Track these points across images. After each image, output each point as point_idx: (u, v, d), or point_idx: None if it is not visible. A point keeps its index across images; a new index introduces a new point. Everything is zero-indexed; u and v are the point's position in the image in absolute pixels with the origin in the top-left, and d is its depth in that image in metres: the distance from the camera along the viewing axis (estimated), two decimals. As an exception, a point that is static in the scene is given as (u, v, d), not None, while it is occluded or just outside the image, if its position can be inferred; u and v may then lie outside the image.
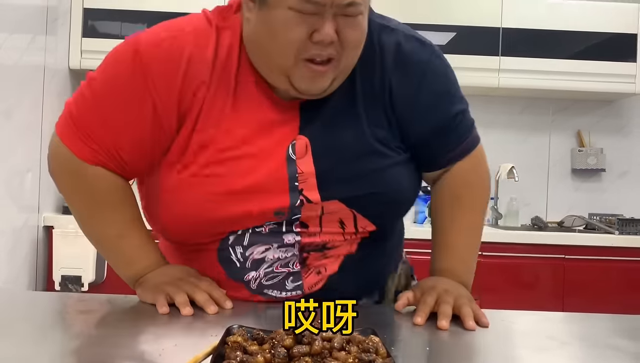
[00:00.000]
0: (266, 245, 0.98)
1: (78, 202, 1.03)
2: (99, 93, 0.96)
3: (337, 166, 0.96)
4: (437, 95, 1.02)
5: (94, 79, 0.98)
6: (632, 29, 2.94)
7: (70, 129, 0.95)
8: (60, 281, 2.50)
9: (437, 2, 2.94)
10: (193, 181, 0.93)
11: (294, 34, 0.86)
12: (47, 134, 2.64)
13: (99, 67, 0.99)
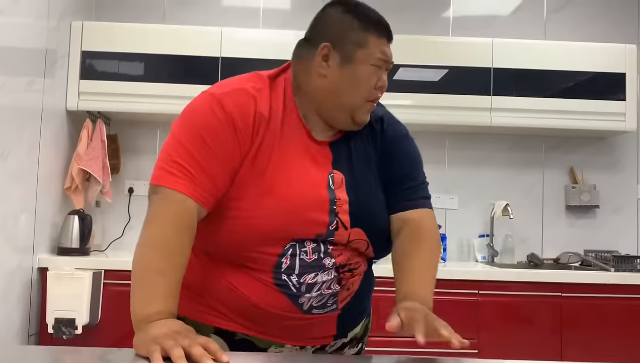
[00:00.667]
0: (314, 270, 1.16)
1: (159, 228, 1.11)
2: (197, 138, 1.13)
3: (363, 199, 1.19)
4: (414, 158, 1.31)
5: (172, 139, 1.16)
6: (620, 68, 3.00)
7: (175, 173, 1.11)
8: (54, 324, 2.47)
9: (430, 42, 3.00)
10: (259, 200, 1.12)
11: (371, 82, 1.21)
12: (42, 176, 2.65)
13: (184, 121, 1.19)
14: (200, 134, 1.12)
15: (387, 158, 1.27)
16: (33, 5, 2.52)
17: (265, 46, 2.95)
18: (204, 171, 1.10)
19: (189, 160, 1.10)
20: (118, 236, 3.21)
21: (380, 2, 3.49)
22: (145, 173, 3.26)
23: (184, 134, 1.15)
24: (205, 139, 1.11)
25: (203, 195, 1.10)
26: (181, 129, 1.17)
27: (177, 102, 2.90)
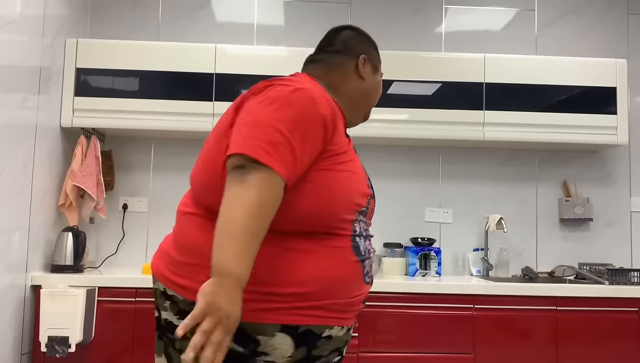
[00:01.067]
0: (368, 237, 1.37)
1: (263, 198, 1.13)
2: (297, 127, 1.21)
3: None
4: None
5: (272, 117, 1.20)
6: (611, 82, 3.04)
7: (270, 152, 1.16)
8: (47, 343, 2.45)
9: (423, 58, 3.03)
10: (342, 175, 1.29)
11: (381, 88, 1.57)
12: (36, 193, 2.64)
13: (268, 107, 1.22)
14: (300, 124, 1.20)
15: None
16: (28, 23, 2.54)
17: (259, 62, 2.97)
18: (297, 159, 1.19)
19: (288, 146, 1.18)
20: (112, 252, 3.20)
21: (374, 19, 3.56)
22: (140, 189, 3.25)
23: (282, 120, 1.20)
24: (303, 129, 1.21)
25: (292, 181, 1.19)
26: (279, 116, 1.20)
27: (172, 118, 2.92)
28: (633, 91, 3.41)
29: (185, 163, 3.28)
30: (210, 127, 2.92)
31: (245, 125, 1.20)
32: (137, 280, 2.61)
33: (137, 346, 2.57)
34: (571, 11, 3.44)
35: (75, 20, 3.08)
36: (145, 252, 3.22)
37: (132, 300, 2.59)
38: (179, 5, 3.34)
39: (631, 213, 3.36)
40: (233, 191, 1.13)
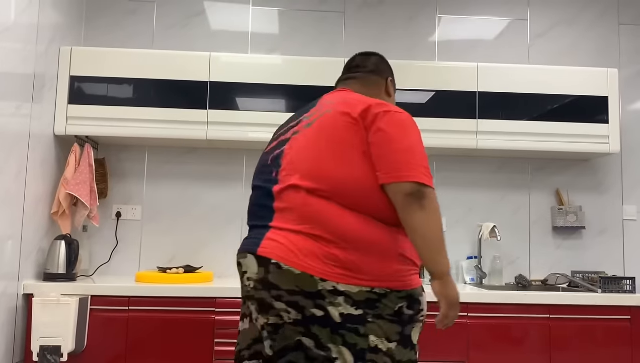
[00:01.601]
0: None
1: (439, 221, 1.56)
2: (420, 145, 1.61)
3: None
4: None
5: (416, 143, 1.60)
6: (602, 91, 3.06)
7: (428, 176, 1.57)
8: (39, 352, 2.43)
9: (416, 67, 3.05)
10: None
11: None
12: (29, 201, 2.63)
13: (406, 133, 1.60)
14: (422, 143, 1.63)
15: None
16: (22, 31, 2.54)
17: (253, 70, 2.98)
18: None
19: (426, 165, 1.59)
20: (105, 261, 3.19)
21: (368, 28, 3.58)
22: (133, 197, 3.25)
23: (420, 143, 1.60)
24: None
25: None
26: (417, 140, 1.60)
27: (166, 126, 2.92)
28: (624, 100, 3.44)
29: (179, 170, 3.28)
30: (204, 135, 2.92)
31: (403, 152, 1.55)
32: (130, 288, 2.60)
33: (129, 355, 2.56)
34: (563, 21, 3.47)
35: (70, 28, 3.08)
36: (139, 260, 3.21)
37: (125, 308, 2.58)
38: (173, 13, 3.35)
39: (623, 221, 3.38)
40: (421, 216, 1.53)
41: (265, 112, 2.96)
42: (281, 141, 1.68)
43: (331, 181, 1.54)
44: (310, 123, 1.63)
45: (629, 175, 3.40)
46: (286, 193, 1.57)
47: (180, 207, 3.26)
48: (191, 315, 2.59)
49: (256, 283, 1.54)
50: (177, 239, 3.24)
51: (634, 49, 3.47)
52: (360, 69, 1.84)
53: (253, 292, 1.55)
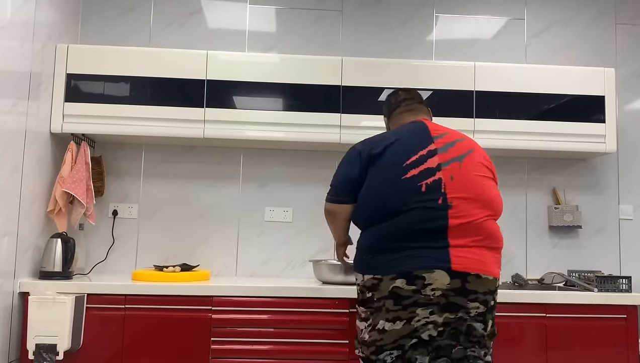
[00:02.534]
0: None
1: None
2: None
3: None
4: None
5: None
6: (599, 91, 3.07)
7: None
8: (35, 350, 2.42)
9: (414, 66, 3.05)
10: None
11: None
12: (25, 199, 2.62)
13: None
14: None
15: None
16: (18, 28, 2.53)
17: (250, 69, 2.98)
18: None
19: None
20: (102, 259, 3.18)
21: (366, 27, 3.58)
22: (130, 195, 3.24)
23: None
24: None
25: None
26: None
27: (162, 124, 2.92)
28: (621, 100, 3.44)
29: (176, 169, 3.27)
30: (202, 134, 2.92)
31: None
32: (127, 286, 2.60)
33: (126, 353, 2.56)
34: (560, 21, 3.47)
35: (66, 26, 3.07)
36: (135, 259, 3.21)
37: (121, 307, 2.57)
38: (170, 11, 3.34)
39: (619, 220, 3.39)
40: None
41: (262, 110, 2.96)
42: (428, 169, 2.02)
43: (496, 208, 2.06)
44: (458, 159, 2.05)
45: (626, 175, 3.41)
46: (465, 217, 1.98)
47: (177, 205, 3.26)
48: (188, 314, 2.58)
49: (448, 292, 1.96)
50: (174, 237, 3.23)
51: (630, 48, 3.48)
52: (422, 101, 2.34)
53: (439, 299, 1.97)
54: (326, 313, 2.60)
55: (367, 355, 2.07)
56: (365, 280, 2.08)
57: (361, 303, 2.12)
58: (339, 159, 3.31)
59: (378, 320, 2.03)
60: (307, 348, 2.58)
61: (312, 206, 3.30)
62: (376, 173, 2.07)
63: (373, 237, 2.07)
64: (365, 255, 2.09)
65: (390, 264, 2.00)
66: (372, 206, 2.06)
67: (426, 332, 1.99)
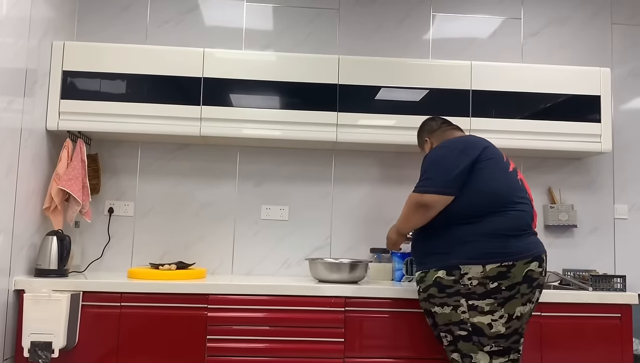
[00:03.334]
0: None
1: None
2: None
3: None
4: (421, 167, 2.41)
5: None
6: (595, 91, 3.08)
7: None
8: (30, 348, 2.42)
9: (410, 65, 3.05)
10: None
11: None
12: (21, 196, 2.61)
13: None
14: None
15: None
16: (14, 25, 2.52)
17: (247, 67, 2.97)
18: None
19: None
20: (97, 257, 3.18)
21: (362, 25, 3.58)
22: (126, 193, 3.24)
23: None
24: None
25: None
26: None
27: (159, 122, 2.91)
28: (617, 100, 3.45)
29: (172, 167, 3.27)
30: (198, 132, 2.92)
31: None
32: (123, 284, 2.60)
33: (121, 351, 2.55)
34: (556, 20, 3.48)
35: (62, 23, 3.06)
36: (131, 256, 3.20)
37: (117, 304, 2.57)
38: (167, 9, 3.33)
39: (614, 219, 3.40)
40: None
41: (259, 109, 2.96)
42: (513, 171, 2.35)
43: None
44: (516, 169, 2.37)
45: (621, 174, 3.42)
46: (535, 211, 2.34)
47: (173, 203, 3.25)
48: (184, 312, 2.58)
49: (544, 273, 2.26)
50: (170, 235, 3.23)
51: (626, 48, 3.49)
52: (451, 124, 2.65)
53: (543, 280, 2.26)
54: (322, 311, 2.60)
55: (507, 346, 2.20)
56: (488, 270, 2.18)
57: (482, 296, 2.20)
58: (335, 157, 3.32)
59: (514, 309, 2.20)
60: (303, 346, 2.58)
61: (309, 205, 3.30)
62: (489, 167, 2.27)
63: (499, 225, 2.21)
64: (488, 244, 2.19)
65: (524, 248, 2.20)
66: (493, 196, 2.23)
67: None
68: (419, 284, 2.37)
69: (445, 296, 2.25)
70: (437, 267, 2.27)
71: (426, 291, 2.31)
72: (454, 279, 2.23)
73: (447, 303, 2.25)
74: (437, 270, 2.27)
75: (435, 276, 2.26)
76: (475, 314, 2.20)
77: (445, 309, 2.26)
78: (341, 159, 3.33)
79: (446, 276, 2.24)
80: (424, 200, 2.27)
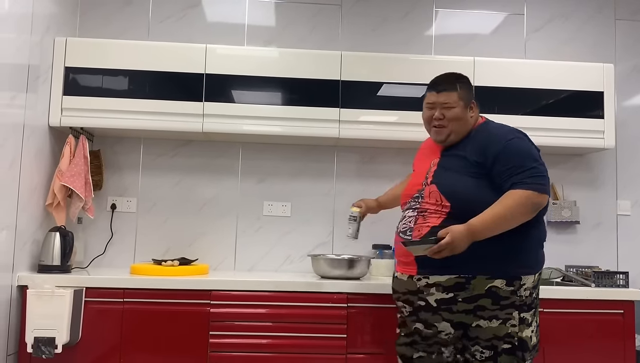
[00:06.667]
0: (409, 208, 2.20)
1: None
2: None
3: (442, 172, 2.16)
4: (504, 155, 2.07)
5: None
6: (598, 87, 3.07)
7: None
8: (33, 343, 2.43)
9: (413, 60, 3.04)
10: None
11: (426, 117, 2.27)
12: (24, 192, 2.62)
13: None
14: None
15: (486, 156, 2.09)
16: (16, 21, 2.52)
17: (249, 63, 2.97)
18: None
19: None
20: (100, 253, 3.18)
21: (365, 21, 3.57)
22: (128, 189, 3.24)
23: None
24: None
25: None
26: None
27: (161, 118, 2.91)
28: (620, 96, 3.44)
29: (175, 163, 3.27)
30: (200, 128, 2.92)
31: None
32: (125, 280, 2.60)
33: (124, 347, 2.56)
34: (560, 16, 3.47)
35: (65, 19, 3.06)
36: (134, 252, 3.21)
37: (119, 300, 2.58)
38: (169, 4, 3.33)
39: (617, 216, 3.39)
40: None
41: (261, 105, 2.96)
42: None
43: None
44: None
45: (624, 170, 3.41)
46: None
47: (176, 199, 3.25)
48: (186, 308, 2.59)
49: None
50: (173, 231, 3.23)
51: (630, 44, 3.48)
52: None
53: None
54: (324, 307, 2.60)
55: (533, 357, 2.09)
56: (535, 279, 2.10)
57: (529, 308, 2.07)
58: (338, 153, 3.32)
59: (537, 318, 2.15)
60: (305, 342, 2.58)
61: (311, 201, 3.30)
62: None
63: (544, 231, 2.15)
64: (541, 251, 2.15)
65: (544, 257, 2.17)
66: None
67: None
68: (451, 291, 2.04)
69: (497, 309, 2.01)
70: (490, 275, 2.01)
71: (473, 302, 2.02)
72: (512, 290, 2.01)
73: (498, 316, 2.02)
74: (490, 279, 2.00)
75: (490, 285, 2.01)
76: (524, 328, 2.03)
77: (494, 323, 2.02)
78: (343, 156, 3.33)
79: (505, 286, 2.00)
80: (542, 202, 2.00)
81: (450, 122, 2.17)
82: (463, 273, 2.02)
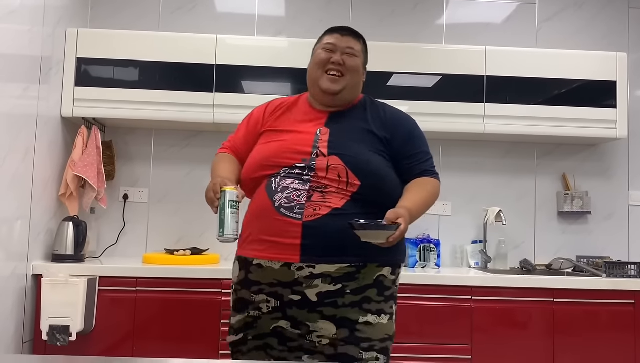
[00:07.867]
0: (292, 179, 1.72)
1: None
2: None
3: (341, 139, 1.77)
4: (415, 138, 1.88)
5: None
6: (611, 76, 3.04)
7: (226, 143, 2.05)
8: (48, 331, 2.47)
9: (424, 50, 3.03)
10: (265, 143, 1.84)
11: (322, 59, 1.85)
12: (37, 182, 2.65)
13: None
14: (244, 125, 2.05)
15: (396, 137, 1.83)
16: (28, 12, 2.53)
17: (259, 53, 2.97)
18: (233, 141, 2.07)
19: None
20: (112, 242, 3.21)
21: (375, 10, 3.55)
22: (140, 179, 3.26)
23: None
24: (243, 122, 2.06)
25: (235, 154, 2.03)
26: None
27: (172, 108, 2.93)
28: (633, 85, 3.41)
29: (186, 153, 3.29)
30: (211, 118, 2.93)
31: None
32: (138, 269, 2.63)
33: (137, 335, 2.59)
34: (572, 4, 3.43)
35: (76, 10, 3.07)
36: (146, 242, 3.24)
37: (132, 289, 2.61)
38: (179, -5, 3.33)
39: (629, 206, 3.37)
40: None
41: (271, 95, 2.94)
42: None
43: None
44: None
45: (636, 160, 3.39)
46: None
47: (187, 189, 3.27)
48: (198, 296, 2.61)
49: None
50: (184, 221, 3.26)
51: (643, 33, 3.44)
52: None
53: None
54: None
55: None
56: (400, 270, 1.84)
57: (396, 300, 1.79)
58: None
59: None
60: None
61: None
62: None
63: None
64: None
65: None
66: None
67: None
68: (339, 282, 1.68)
69: (382, 301, 1.72)
70: (380, 262, 1.73)
71: (360, 294, 1.70)
72: (394, 279, 1.78)
73: (384, 310, 1.72)
74: (380, 266, 1.73)
75: (379, 273, 1.73)
76: (385, 320, 1.74)
77: (383, 318, 1.71)
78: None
79: (390, 274, 1.76)
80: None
81: (349, 72, 1.82)
82: (354, 261, 1.68)
